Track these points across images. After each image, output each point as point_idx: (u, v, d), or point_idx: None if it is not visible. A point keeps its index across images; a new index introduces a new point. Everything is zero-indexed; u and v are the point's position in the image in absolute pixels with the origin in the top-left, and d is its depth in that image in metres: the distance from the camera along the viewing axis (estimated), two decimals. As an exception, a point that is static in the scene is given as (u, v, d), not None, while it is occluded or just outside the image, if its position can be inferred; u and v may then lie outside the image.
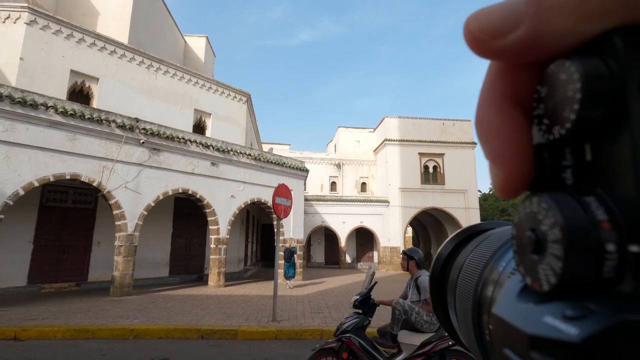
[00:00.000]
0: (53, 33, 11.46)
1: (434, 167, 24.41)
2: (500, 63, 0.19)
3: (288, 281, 12.62)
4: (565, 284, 0.14)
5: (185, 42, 21.51)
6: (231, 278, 14.03)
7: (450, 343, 3.25)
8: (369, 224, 23.54)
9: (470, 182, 24.17)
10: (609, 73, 0.14)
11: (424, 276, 3.69)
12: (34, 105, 8.31)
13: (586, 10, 0.13)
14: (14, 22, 10.81)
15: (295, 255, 13.06)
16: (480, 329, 0.22)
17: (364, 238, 25.72)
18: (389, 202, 23.50)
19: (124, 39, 14.23)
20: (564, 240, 0.13)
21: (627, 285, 0.13)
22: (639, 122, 0.13)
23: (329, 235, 25.54)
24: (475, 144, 24.83)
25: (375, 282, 3.90)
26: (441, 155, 24.37)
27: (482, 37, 0.17)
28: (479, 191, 28.48)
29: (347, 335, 3.42)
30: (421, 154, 24.32)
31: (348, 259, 25.06)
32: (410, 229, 32.28)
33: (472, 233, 0.35)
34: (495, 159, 0.18)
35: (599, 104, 0.14)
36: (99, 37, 12.57)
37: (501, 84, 0.19)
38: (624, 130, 0.13)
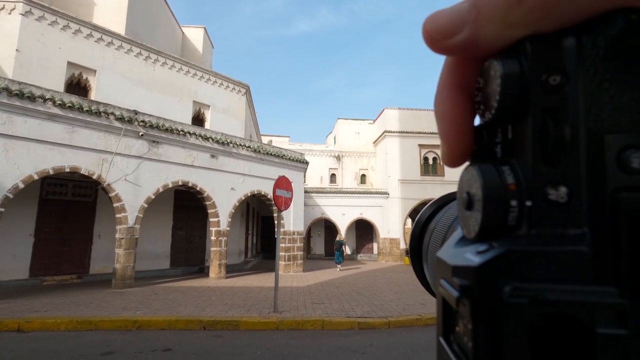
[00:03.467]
0: (49, 24, 11.31)
1: (434, 159, 24.38)
2: (452, 57, 0.22)
3: (338, 265, 16.24)
4: (483, 231, 0.18)
5: (183, 33, 21.27)
6: (232, 270, 14.11)
7: None
8: (368, 215, 23.59)
9: (470, 173, 24.15)
10: (521, 71, 0.18)
11: None
12: (32, 98, 8.24)
13: (510, 20, 0.17)
14: (9, 13, 10.66)
15: (343, 246, 16.67)
16: None
17: (363, 230, 25.80)
18: (388, 194, 23.52)
19: (120, 30, 14.06)
20: (483, 198, 0.18)
21: (522, 229, 0.18)
22: (535, 108, 0.17)
23: (329, 227, 25.61)
24: (475, 135, 24.78)
25: None
26: (441, 146, 24.30)
27: (435, 37, 0.20)
28: (479, 182, 28.48)
29: None
30: (421, 146, 24.26)
31: (348, 251, 25.17)
32: (409, 221, 32.39)
33: (449, 200, 0.39)
34: (443, 135, 0.22)
35: (512, 96, 0.18)
36: (96, 28, 12.42)
37: (452, 74, 0.22)
38: (527, 115, 0.18)
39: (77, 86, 12.21)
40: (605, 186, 0.16)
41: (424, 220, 0.39)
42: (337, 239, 17.80)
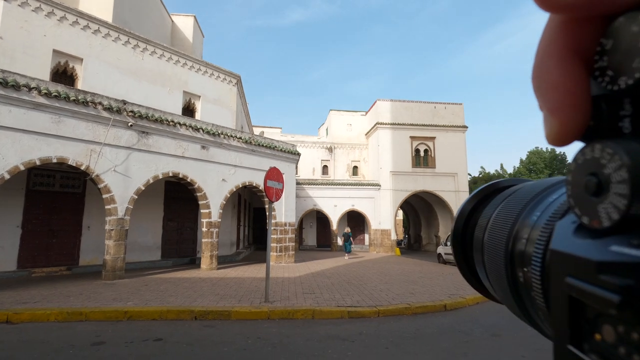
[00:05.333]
0: (33, 10, 10.99)
1: (425, 151, 24.55)
2: (563, 17, 0.19)
3: (347, 254, 18.32)
4: (628, 219, 0.15)
5: (173, 21, 20.85)
6: (224, 261, 14.14)
7: None
8: (360, 207, 23.76)
9: (460, 165, 24.43)
10: None
11: None
12: (16, 87, 8.05)
13: None
14: (-9, -1, 10.32)
15: (350, 238, 19.06)
16: (514, 275, 0.25)
17: (355, 221, 26.00)
18: (380, 186, 23.67)
19: (108, 17, 13.72)
20: (630, 179, 0.15)
21: None
22: None
23: (321, 219, 25.75)
24: (466, 127, 24.96)
25: None
26: (432, 138, 24.48)
27: None
28: (469, 174, 28.84)
29: None
30: (412, 138, 24.39)
31: (339, 242, 25.36)
32: (401, 212, 32.69)
33: (492, 191, 0.37)
34: (552, 109, 0.19)
35: None
36: (82, 15, 12.10)
37: (563, 37, 0.19)
38: None
39: (63, 75, 11.94)
40: None
41: (468, 212, 0.37)
42: (345, 231, 19.25)
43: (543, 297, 0.21)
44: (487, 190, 0.37)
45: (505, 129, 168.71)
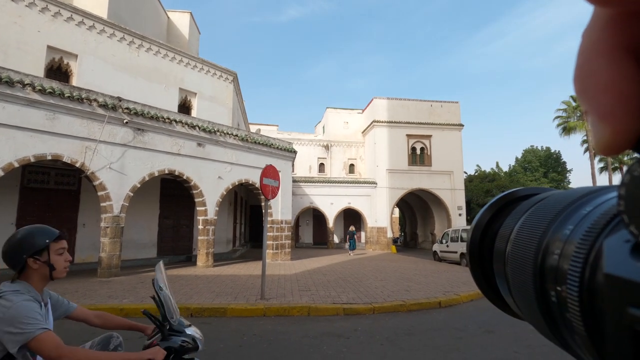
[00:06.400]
0: (26, 5, 10.88)
1: (421, 149, 24.64)
2: (613, 11, 0.17)
3: (351, 252, 19.08)
4: None
5: (168, 17, 20.70)
6: (220, 259, 14.14)
7: None
8: (356, 205, 23.83)
9: (456, 163, 24.55)
10: None
11: None
12: (10, 83, 7.98)
13: None
14: (-16, -7, 10.20)
15: (355, 236, 19.89)
16: (544, 293, 0.23)
17: (351, 219, 26.07)
18: (376, 184, 23.74)
19: (103, 13, 13.61)
20: None
21: None
22: None
23: (317, 216, 25.79)
24: (462, 125, 25.06)
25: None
26: (428, 137, 24.57)
27: None
28: (465, 172, 28.97)
29: None
30: (409, 136, 24.46)
31: (336, 239, 25.44)
32: (397, 210, 32.81)
33: (509, 200, 0.35)
34: (603, 115, 0.17)
35: None
36: (76, 11, 11.99)
37: (613, 34, 0.17)
38: None
39: (57, 71, 11.84)
40: None
41: (485, 223, 0.35)
42: (350, 229, 19.96)
43: (582, 321, 0.19)
44: (505, 200, 0.35)
45: (501, 128, 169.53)
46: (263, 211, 7.64)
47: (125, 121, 10.01)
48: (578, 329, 0.20)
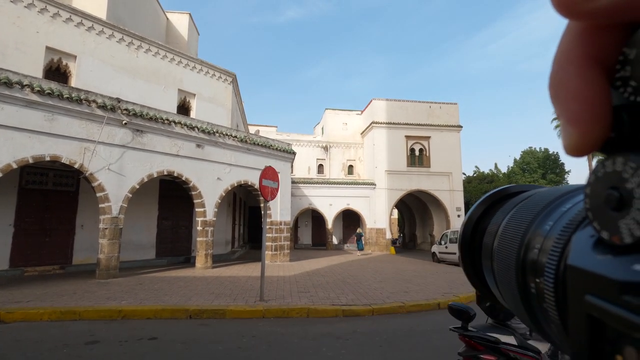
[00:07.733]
0: (25, 6, 10.86)
1: (420, 150, 24.67)
2: (584, 24, 0.18)
3: (358, 252, 20.33)
4: None
5: (168, 19, 20.71)
6: (219, 260, 14.12)
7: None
8: (355, 206, 23.83)
9: (455, 164, 24.59)
10: None
11: None
12: (8, 84, 7.97)
13: None
14: (-18, -6, 10.18)
15: (362, 237, 21.11)
16: (525, 285, 0.25)
17: (350, 220, 26.06)
18: (375, 185, 23.75)
19: (102, 14, 13.60)
20: None
21: None
22: None
23: (316, 217, 25.77)
24: (461, 127, 25.11)
25: None
26: (427, 138, 24.60)
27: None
28: (463, 174, 29.04)
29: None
30: (407, 137, 24.49)
31: (335, 241, 25.43)
32: (396, 211, 32.82)
33: (501, 196, 0.36)
34: (572, 119, 0.18)
35: None
36: (75, 11, 11.98)
37: (583, 45, 0.18)
38: None
39: (56, 72, 11.82)
40: None
41: (476, 218, 0.36)
42: (357, 231, 20.87)
43: (557, 310, 0.20)
44: (497, 196, 0.37)
45: (500, 129, 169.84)
46: (262, 212, 7.64)
47: (124, 122, 10.00)
48: (553, 318, 0.21)
